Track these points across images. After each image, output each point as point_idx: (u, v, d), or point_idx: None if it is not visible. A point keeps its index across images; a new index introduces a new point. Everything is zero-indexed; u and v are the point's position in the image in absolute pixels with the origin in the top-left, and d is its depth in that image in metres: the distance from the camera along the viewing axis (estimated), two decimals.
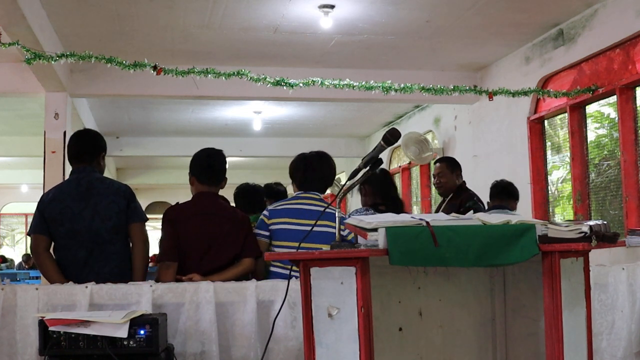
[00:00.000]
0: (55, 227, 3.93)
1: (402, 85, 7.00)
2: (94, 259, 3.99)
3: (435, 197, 11.14)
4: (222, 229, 3.95)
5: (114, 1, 6.44)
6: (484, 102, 8.20)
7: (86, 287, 3.86)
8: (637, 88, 6.52)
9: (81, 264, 4.00)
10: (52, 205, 3.95)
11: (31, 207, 7.11)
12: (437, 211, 5.06)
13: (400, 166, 12.42)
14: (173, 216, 3.96)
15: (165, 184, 18.32)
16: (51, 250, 4.02)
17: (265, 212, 4.12)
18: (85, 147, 4.20)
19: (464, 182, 5.11)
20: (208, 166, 4.15)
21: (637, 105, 6.52)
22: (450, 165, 5.09)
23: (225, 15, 6.84)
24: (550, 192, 7.94)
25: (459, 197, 4.90)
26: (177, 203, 4.15)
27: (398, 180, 12.66)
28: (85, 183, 4.03)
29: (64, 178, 8.06)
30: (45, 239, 3.96)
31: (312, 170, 4.27)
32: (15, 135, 12.62)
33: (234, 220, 3.98)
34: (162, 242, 3.98)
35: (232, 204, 4.49)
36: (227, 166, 4.30)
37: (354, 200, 14.75)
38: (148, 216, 4.43)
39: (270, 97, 8.92)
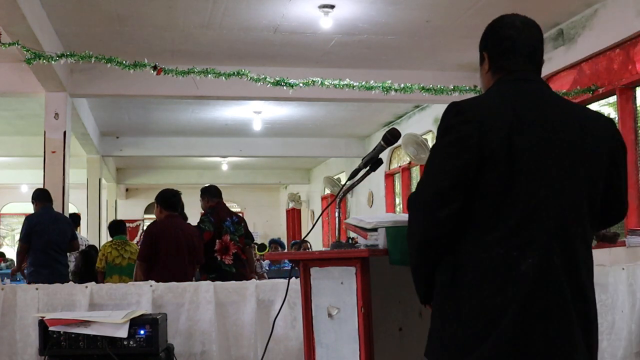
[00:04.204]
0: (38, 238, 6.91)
1: (402, 85, 7.00)
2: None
3: None
4: (183, 238, 5.78)
5: (114, 1, 6.44)
6: None
7: (86, 287, 3.87)
8: (637, 88, 6.52)
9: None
10: (38, 226, 6.95)
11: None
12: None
13: (400, 166, 12.42)
14: (153, 230, 5.88)
15: (165, 184, 18.20)
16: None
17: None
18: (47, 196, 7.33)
19: (216, 203, 6.56)
20: (171, 201, 5.96)
21: (637, 105, 6.52)
22: (202, 195, 6.68)
23: (225, 15, 6.84)
24: None
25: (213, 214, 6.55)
26: (155, 221, 6.08)
27: (398, 181, 12.67)
28: (53, 214, 7.24)
29: (64, 178, 8.08)
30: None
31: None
32: (15, 135, 12.62)
33: (190, 234, 5.91)
34: (141, 247, 5.87)
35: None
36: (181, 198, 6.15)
37: (354, 201, 14.76)
38: (148, 217, 6.37)
39: (270, 97, 8.91)
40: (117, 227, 8.46)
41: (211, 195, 6.66)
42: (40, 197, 7.26)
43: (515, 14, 2.29)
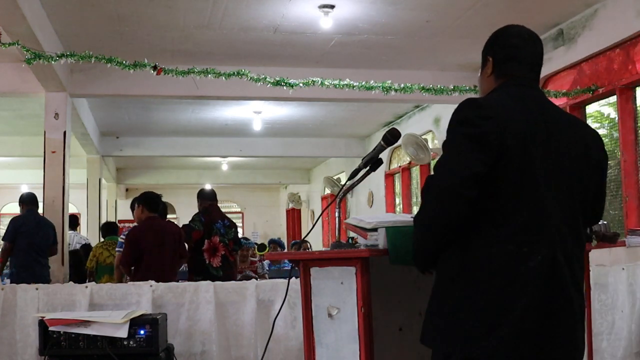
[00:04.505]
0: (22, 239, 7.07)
1: (402, 85, 6.99)
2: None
3: None
4: (166, 238, 6.02)
5: (114, 1, 6.44)
6: None
7: (86, 287, 3.87)
8: (637, 88, 6.52)
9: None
10: (23, 228, 7.12)
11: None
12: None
13: (400, 166, 12.42)
14: (136, 234, 6.01)
15: (165, 184, 18.33)
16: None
17: None
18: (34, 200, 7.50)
19: (209, 204, 6.77)
20: (155, 202, 6.23)
21: (637, 105, 6.52)
22: (197, 197, 6.93)
23: (225, 15, 6.84)
24: None
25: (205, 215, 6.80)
26: (136, 226, 6.28)
27: (398, 181, 12.67)
28: (38, 217, 7.39)
29: (64, 178, 8.08)
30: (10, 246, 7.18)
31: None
32: (15, 135, 12.61)
33: (172, 232, 6.17)
34: (123, 253, 6.00)
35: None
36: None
37: (354, 201, 14.76)
38: None
39: (270, 97, 8.91)
40: (109, 228, 8.64)
41: (205, 197, 6.85)
42: (27, 200, 7.49)
43: (521, 26, 2.41)
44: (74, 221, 9.83)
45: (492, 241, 2.10)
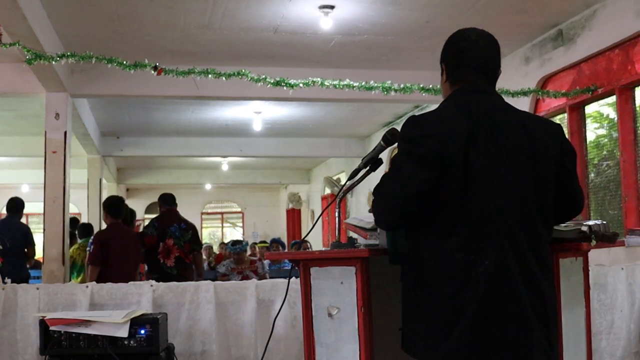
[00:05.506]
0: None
1: (402, 85, 7.00)
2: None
3: None
4: (131, 242, 6.62)
5: (114, 1, 6.45)
6: None
7: (86, 286, 3.88)
8: (636, 88, 6.52)
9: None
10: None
11: (32, 207, 7.36)
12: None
13: None
14: (104, 236, 6.60)
15: (165, 184, 18.34)
16: None
17: None
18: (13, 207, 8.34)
19: (166, 209, 7.20)
20: (117, 208, 6.70)
21: (636, 105, 6.52)
22: (158, 201, 7.42)
23: (225, 15, 6.85)
24: None
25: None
26: (104, 229, 6.96)
27: None
28: (10, 222, 8.12)
29: (64, 178, 8.09)
30: None
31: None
32: (15, 135, 12.61)
33: (134, 238, 6.80)
34: (93, 253, 6.39)
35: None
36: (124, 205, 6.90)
37: (354, 201, 14.76)
38: (148, 216, 6.39)
39: (270, 97, 8.91)
40: (86, 230, 9.01)
41: (164, 202, 7.35)
42: (8, 207, 8.24)
43: (472, 28, 2.45)
44: (75, 225, 10.08)
45: (442, 251, 2.19)
